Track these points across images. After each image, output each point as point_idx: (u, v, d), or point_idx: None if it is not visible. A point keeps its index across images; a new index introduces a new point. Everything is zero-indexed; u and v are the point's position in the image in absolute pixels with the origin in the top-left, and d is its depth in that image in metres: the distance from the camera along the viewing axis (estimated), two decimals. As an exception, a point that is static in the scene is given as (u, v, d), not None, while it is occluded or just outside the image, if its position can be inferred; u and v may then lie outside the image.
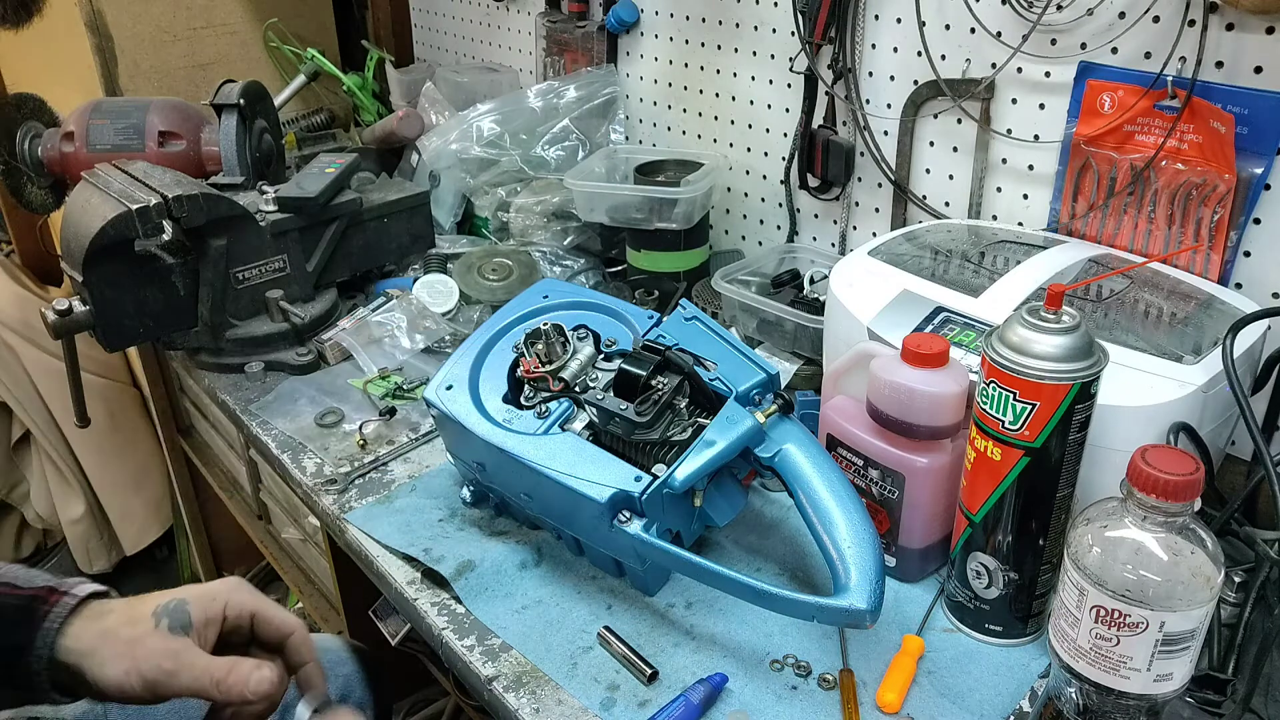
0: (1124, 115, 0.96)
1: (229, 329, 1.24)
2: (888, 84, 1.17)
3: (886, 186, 1.22)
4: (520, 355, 0.90)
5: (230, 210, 1.19)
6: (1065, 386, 0.67)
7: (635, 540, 0.77)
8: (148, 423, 2.11)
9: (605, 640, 0.80)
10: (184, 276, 1.19)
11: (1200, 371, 0.76)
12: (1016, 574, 0.75)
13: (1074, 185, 1.03)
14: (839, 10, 1.17)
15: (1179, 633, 0.60)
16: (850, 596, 0.71)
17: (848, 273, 0.98)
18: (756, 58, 1.33)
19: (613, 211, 1.34)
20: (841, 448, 0.86)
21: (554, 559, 0.90)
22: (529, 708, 0.74)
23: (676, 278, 1.35)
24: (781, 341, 1.14)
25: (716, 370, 0.85)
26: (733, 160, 1.42)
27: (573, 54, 1.63)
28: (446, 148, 1.52)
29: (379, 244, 1.38)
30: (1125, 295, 0.89)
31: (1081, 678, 0.64)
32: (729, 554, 0.90)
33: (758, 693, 0.75)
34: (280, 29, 1.89)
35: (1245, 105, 0.87)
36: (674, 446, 0.81)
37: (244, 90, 1.38)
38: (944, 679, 0.76)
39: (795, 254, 1.28)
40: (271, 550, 1.58)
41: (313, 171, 1.32)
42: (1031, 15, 0.99)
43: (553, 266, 1.44)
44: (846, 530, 0.75)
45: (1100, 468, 0.74)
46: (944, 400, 0.77)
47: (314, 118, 1.87)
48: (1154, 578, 0.60)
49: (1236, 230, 0.91)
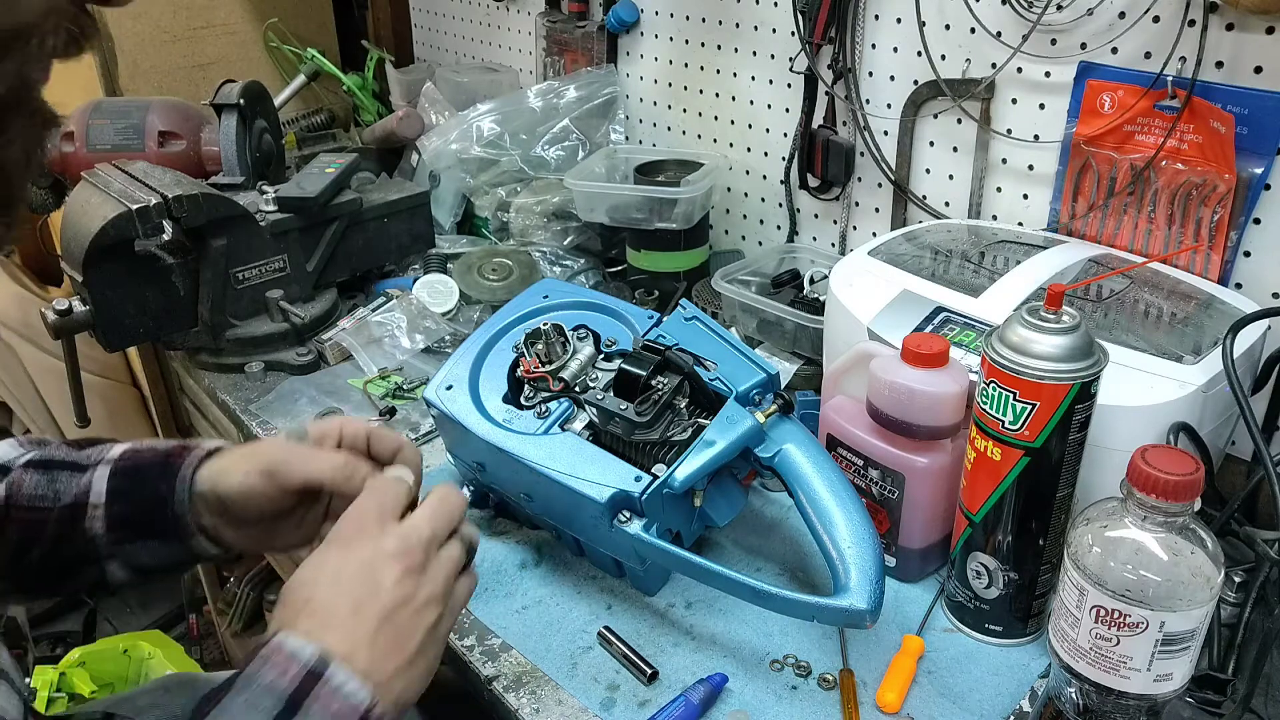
0: (1124, 115, 0.96)
1: (229, 329, 1.24)
2: (888, 84, 1.17)
3: (886, 186, 1.22)
4: (520, 355, 0.90)
5: (230, 210, 1.19)
6: (1065, 386, 0.67)
7: (635, 540, 0.76)
8: (148, 423, 2.11)
9: (605, 640, 0.80)
10: (184, 276, 1.19)
11: (1200, 371, 0.76)
12: (1016, 574, 0.75)
13: (1074, 185, 1.03)
14: (839, 10, 1.17)
15: (1179, 633, 0.60)
16: (850, 596, 0.71)
17: (848, 273, 0.98)
18: (756, 58, 1.33)
19: (613, 211, 1.34)
20: (841, 448, 0.86)
21: (554, 559, 0.90)
22: (529, 708, 0.74)
23: (676, 278, 1.35)
24: (781, 341, 1.14)
25: (716, 370, 0.85)
26: (733, 160, 1.42)
27: (573, 54, 1.63)
28: (446, 148, 1.52)
29: (379, 244, 1.38)
30: (1125, 295, 0.89)
31: (1081, 678, 0.64)
32: (729, 554, 0.90)
33: (758, 693, 0.75)
34: (280, 29, 1.89)
35: (1245, 105, 0.87)
36: (674, 446, 0.81)
37: (244, 90, 1.38)
38: (944, 679, 0.76)
39: (795, 254, 1.28)
40: (271, 550, 1.57)
41: (313, 171, 1.32)
42: (1031, 15, 0.99)
43: (553, 266, 1.44)
44: (846, 530, 0.75)
45: (1100, 468, 0.74)
46: (944, 400, 0.77)
47: (314, 118, 1.87)
48: (1154, 578, 0.60)
49: (1236, 230, 0.91)
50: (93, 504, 0.70)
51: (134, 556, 0.72)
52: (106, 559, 0.72)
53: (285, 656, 0.51)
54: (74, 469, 0.72)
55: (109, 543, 0.71)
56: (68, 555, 0.71)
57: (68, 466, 0.72)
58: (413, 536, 0.59)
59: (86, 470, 0.72)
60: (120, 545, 0.71)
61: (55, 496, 0.71)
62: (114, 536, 0.71)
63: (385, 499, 0.61)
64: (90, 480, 0.71)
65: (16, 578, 0.72)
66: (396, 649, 0.55)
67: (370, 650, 0.53)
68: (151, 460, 0.72)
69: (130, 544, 0.71)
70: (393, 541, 0.58)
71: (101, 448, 0.74)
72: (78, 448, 0.74)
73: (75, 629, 2.21)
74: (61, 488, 0.71)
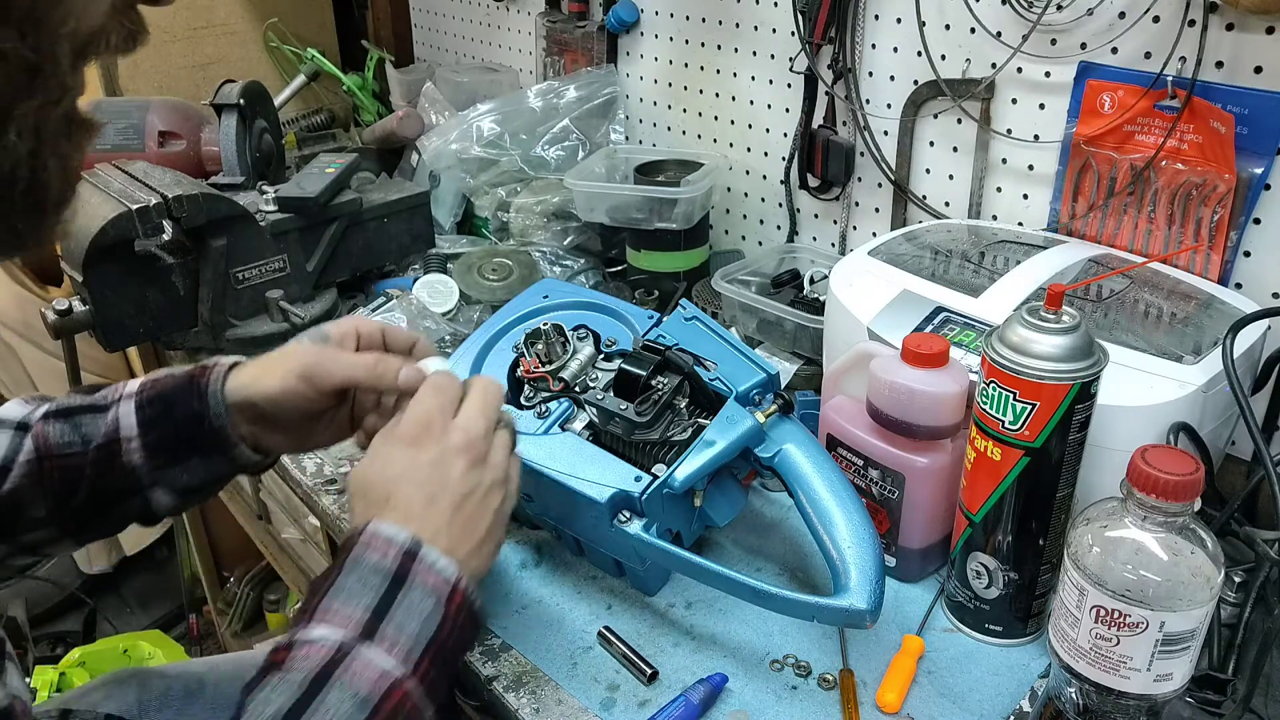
0: (1124, 115, 0.96)
1: (229, 329, 1.24)
2: (888, 84, 1.17)
3: (886, 186, 1.22)
4: (520, 355, 0.90)
5: (230, 210, 1.19)
6: (1065, 386, 0.67)
7: (635, 540, 0.77)
8: (148, 423, 2.10)
9: (605, 640, 0.80)
10: (184, 276, 1.19)
11: (1200, 371, 0.76)
12: (1016, 574, 0.75)
13: (1074, 185, 1.03)
14: (839, 10, 1.17)
15: (1179, 633, 0.60)
16: (850, 596, 0.71)
17: (848, 273, 0.98)
18: (756, 58, 1.33)
19: (613, 211, 1.34)
20: (841, 448, 0.86)
21: (554, 559, 0.90)
22: (529, 708, 0.74)
23: (676, 278, 1.35)
24: (781, 341, 1.14)
25: (716, 370, 0.85)
26: (733, 160, 1.42)
27: (573, 54, 1.63)
28: (446, 148, 1.52)
29: (379, 244, 1.38)
30: (1125, 295, 0.89)
31: (1081, 678, 0.64)
32: (729, 554, 0.90)
33: (758, 693, 0.75)
34: (280, 29, 1.89)
35: (1245, 105, 0.87)
36: (674, 446, 0.81)
37: (244, 90, 1.37)
38: (944, 679, 0.76)
39: (795, 254, 1.28)
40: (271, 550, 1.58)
41: (313, 171, 1.32)
42: (1031, 15, 0.99)
43: (553, 266, 1.44)
44: (846, 530, 0.75)
45: (1100, 468, 0.74)
46: (944, 400, 0.77)
47: (314, 118, 1.87)
48: (1154, 578, 0.60)
49: (1236, 230, 0.91)
50: (125, 438, 0.73)
51: (176, 479, 0.75)
52: (149, 488, 0.74)
53: (384, 541, 0.59)
54: (94, 410, 0.74)
55: (150, 470, 0.74)
56: (110, 492, 0.74)
57: (87, 410, 0.74)
58: (473, 431, 0.66)
59: (108, 409, 0.74)
60: (162, 471, 0.74)
61: (84, 440, 0.73)
62: (154, 464, 0.74)
63: (445, 398, 0.67)
64: (116, 416, 0.73)
65: (64, 524, 0.75)
66: (469, 533, 0.63)
67: (448, 536, 0.61)
68: (175, 385, 0.74)
69: (171, 468, 0.74)
70: (457, 437, 0.65)
71: (113, 387, 0.76)
72: (87, 393, 0.76)
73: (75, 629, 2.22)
74: (88, 430, 0.73)
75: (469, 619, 0.60)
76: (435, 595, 0.58)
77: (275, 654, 0.55)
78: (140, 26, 0.49)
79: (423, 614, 0.57)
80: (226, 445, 0.75)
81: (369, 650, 0.55)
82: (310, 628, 0.56)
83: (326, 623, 0.56)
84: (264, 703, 0.52)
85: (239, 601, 2.05)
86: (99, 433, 0.73)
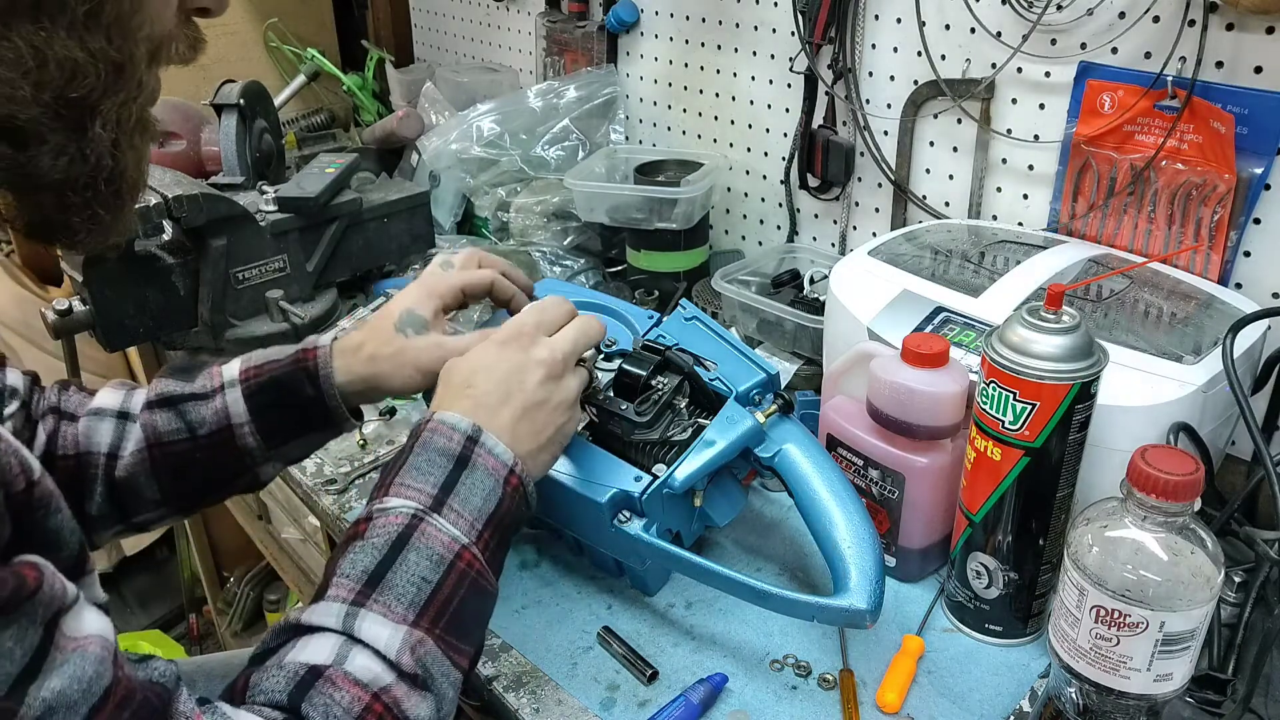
0: (1124, 115, 0.96)
1: (229, 329, 1.24)
2: (888, 84, 1.17)
3: (886, 186, 1.22)
4: (520, 355, 0.90)
5: (230, 210, 1.18)
6: (1065, 386, 0.67)
7: (635, 540, 0.77)
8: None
9: (605, 640, 0.80)
10: (184, 276, 1.19)
11: (1200, 371, 0.76)
12: (1016, 574, 0.75)
13: (1074, 185, 1.03)
14: (839, 10, 1.17)
15: (1179, 633, 0.60)
16: (850, 596, 0.71)
17: (848, 273, 0.98)
18: (756, 58, 1.33)
19: (613, 211, 1.34)
20: (841, 448, 0.86)
21: (554, 559, 0.90)
22: (529, 708, 0.74)
23: (676, 278, 1.35)
24: (781, 341, 1.14)
25: (716, 370, 0.85)
26: (733, 160, 1.42)
27: (573, 54, 1.63)
28: (446, 148, 1.52)
29: (379, 244, 1.38)
30: (1125, 295, 0.89)
31: (1081, 678, 0.64)
32: (729, 554, 0.90)
33: (758, 693, 0.75)
34: (280, 29, 1.89)
35: (1245, 105, 0.87)
36: (674, 446, 0.81)
37: (244, 90, 1.37)
38: (944, 679, 0.76)
39: (795, 254, 1.28)
40: (271, 550, 1.58)
41: (313, 171, 1.32)
42: (1031, 15, 0.99)
43: (553, 266, 1.44)
44: (846, 530, 0.75)
45: (1100, 468, 0.74)
46: (944, 400, 0.77)
47: (314, 118, 1.87)
48: (1154, 578, 0.60)
49: (1236, 230, 0.91)
50: (237, 424, 0.77)
51: (289, 454, 0.81)
52: (261, 464, 0.80)
53: (449, 428, 0.65)
54: (197, 399, 0.78)
55: (264, 449, 0.78)
56: (225, 473, 0.79)
57: (190, 399, 0.78)
58: (558, 349, 0.71)
59: (211, 397, 0.78)
60: (277, 449, 0.79)
61: (191, 428, 0.77)
62: (271, 443, 0.78)
63: (545, 317, 0.74)
64: (224, 404, 0.77)
65: (177, 503, 0.80)
66: (532, 436, 0.68)
67: (512, 433, 0.67)
68: (283, 372, 0.78)
69: (285, 445, 0.80)
70: (543, 350, 0.71)
71: (207, 373, 0.80)
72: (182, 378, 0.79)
73: (75, 629, 2.21)
74: (194, 419, 0.77)
75: (523, 499, 0.66)
76: (494, 476, 0.64)
77: (357, 525, 0.61)
78: (200, 35, 0.55)
79: (484, 491, 0.63)
80: (341, 421, 0.80)
81: (439, 519, 0.61)
82: (387, 500, 0.62)
83: (401, 495, 0.62)
84: (351, 564, 0.58)
85: (239, 601, 2.05)
86: (209, 421, 0.77)
